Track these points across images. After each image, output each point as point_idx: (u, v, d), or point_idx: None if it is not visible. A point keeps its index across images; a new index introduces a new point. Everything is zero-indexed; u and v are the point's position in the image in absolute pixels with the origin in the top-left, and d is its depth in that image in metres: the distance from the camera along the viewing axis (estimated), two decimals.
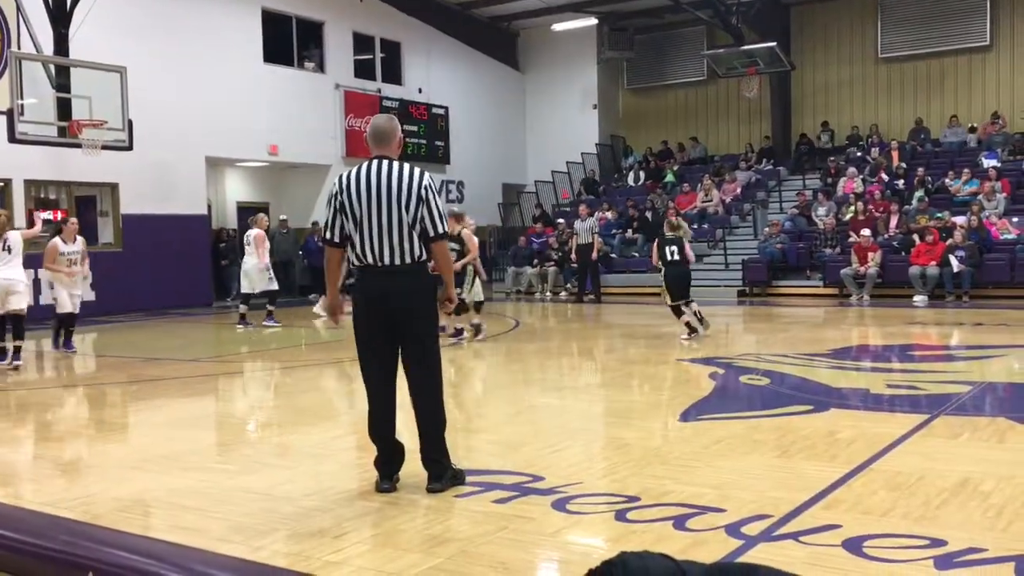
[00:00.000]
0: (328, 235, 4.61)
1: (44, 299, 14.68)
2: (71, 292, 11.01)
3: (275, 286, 14.02)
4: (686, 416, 6.42)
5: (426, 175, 4.60)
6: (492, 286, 19.94)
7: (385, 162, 4.57)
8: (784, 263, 18.25)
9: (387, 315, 4.53)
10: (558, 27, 24.89)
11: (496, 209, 24.75)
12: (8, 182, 15.47)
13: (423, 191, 4.52)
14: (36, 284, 14.27)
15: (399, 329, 4.55)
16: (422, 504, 4.39)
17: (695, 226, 20.62)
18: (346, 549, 3.75)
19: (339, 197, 4.54)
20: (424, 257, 4.58)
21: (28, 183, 15.93)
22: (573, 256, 18.55)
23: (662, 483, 4.62)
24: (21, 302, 9.81)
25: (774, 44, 21.09)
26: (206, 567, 3.24)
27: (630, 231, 20.70)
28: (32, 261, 11.41)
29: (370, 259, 4.52)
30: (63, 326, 11.15)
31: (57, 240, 10.96)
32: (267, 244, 13.84)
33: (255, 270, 13.69)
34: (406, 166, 4.59)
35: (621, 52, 24.40)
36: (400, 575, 3.44)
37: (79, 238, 11.17)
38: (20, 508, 4.37)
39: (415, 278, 4.56)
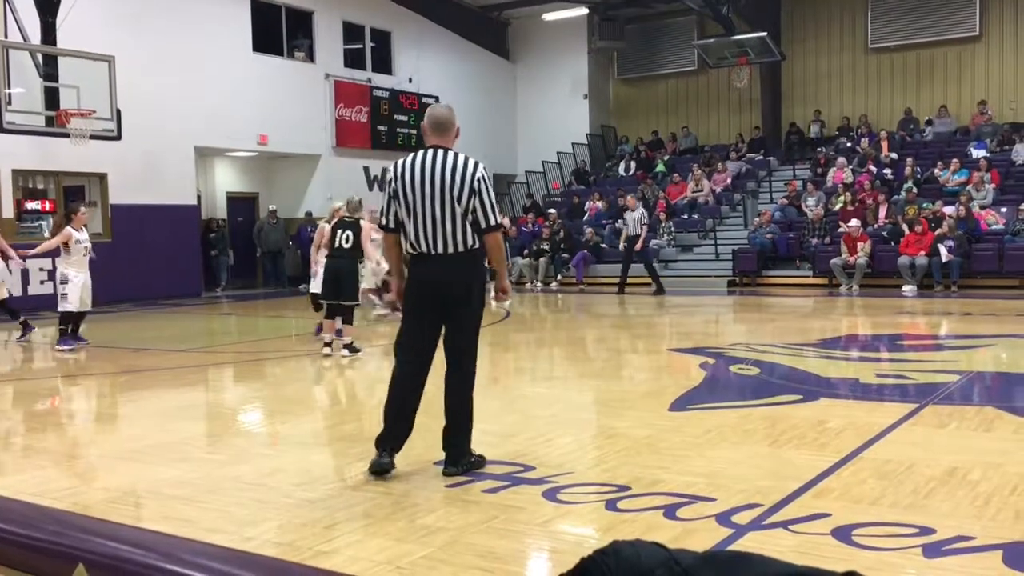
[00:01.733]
0: (383, 221, 4.74)
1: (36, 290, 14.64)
2: (85, 285, 10.53)
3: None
4: (676, 406, 6.44)
5: (480, 166, 4.64)
6: None
7: (440, 151, 4.63)
8: (774, 253, 18.29)
9: (435, 301, 4.64)
10: (549, 16, 24.83)
11: None
12: None
13: (476, 182, 4.56)
14: (25, 275, 14.26)
15: (444, 315, 4.65)
16: (413, 494, 4.39)
17: (685, 216, 20.69)
18: (337, 539, 3.75)
19: (393, 184, 4.65)
20: (475, 246, 4.64)
21: (16, 173, 15.84)
22: (621, 247, 17.92)
23: (653, 472, 4.64)
24: None
25: (764, 34, 21.10)
26: (196, 557, 3.23)
27: (620, 221, 20.68)
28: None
29: (423, 247, 4.60)
30: (72, 322, 10.67)
31: (70, 228, 10.57)
32: None
33: None
34: (461, 156, 4.64)
35: (612, 42, 24.36)
36: (391, 564, 3.44)
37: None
38: (8, 498, 4.35)
39: (465, 267, 4.63)
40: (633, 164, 24.00)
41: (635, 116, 25.93)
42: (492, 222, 4.62)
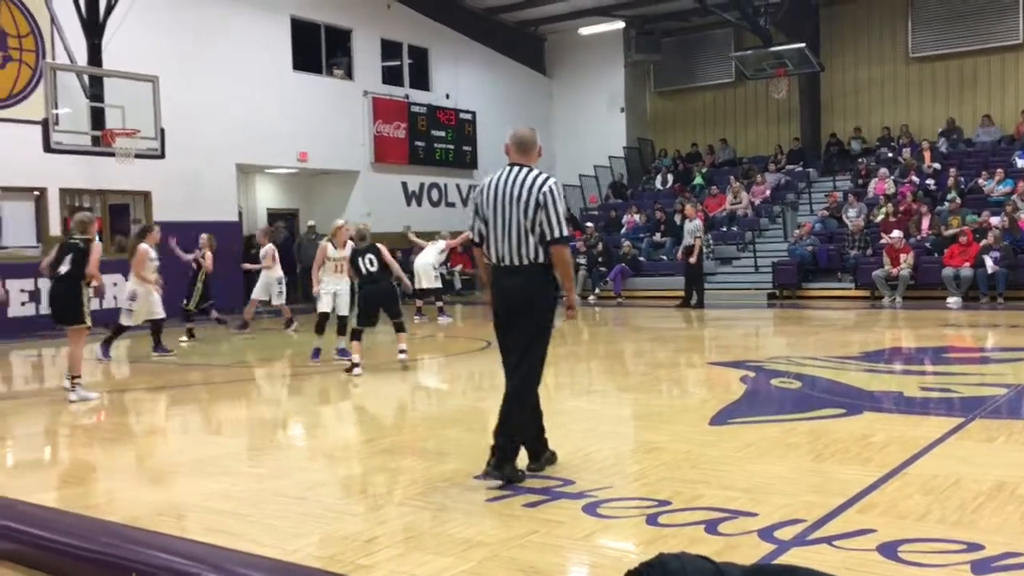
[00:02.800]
0: (470, 234, 5.06)
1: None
2: (156, 299, 11.22)
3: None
4: (717, 420, 6.39)
5: (549, 181, 4.82)
6: None
7: (517, 168, 4.88)
8: (814, 265, 18.09)
9: (505, 310, 4.87)
10: (585, 31, 24.88)
11: None
12: (44, 191, 15.72)
13: (542, 196, 4.74)
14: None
15: (512, 323, 4.85)
16: (452, 508, 4.39)
17: (724, 228, 20.56)
18: (377, 553, 3.76)
19: (476, 199, 4.98)
20: (542, 259, 4.79)
21: (63, 192, 16.17)
22: (679, 258, 17.57)
23: (693, 487, 4.60)
24: None
25: (803, 45, 20.94)
26: (248, 569, 3.26)
27: (658, 234, 20.64)
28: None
29: (494, 258, 4.90)
30: (156, 333, 11.29)
31: (145, 246, 11.14)
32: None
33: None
34: (534, 172, 4.86)
35: (648, 55, 24.34)
36: None
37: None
38: (61, 511, 4.43)
39: (529, 278, 4.80)
40: (670, 177, 23.91)
41: (672, 129, 25.85)
42: (557, 234, 4.74)
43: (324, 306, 10.22)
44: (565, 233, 4.78)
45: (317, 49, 20.61)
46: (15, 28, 15.35)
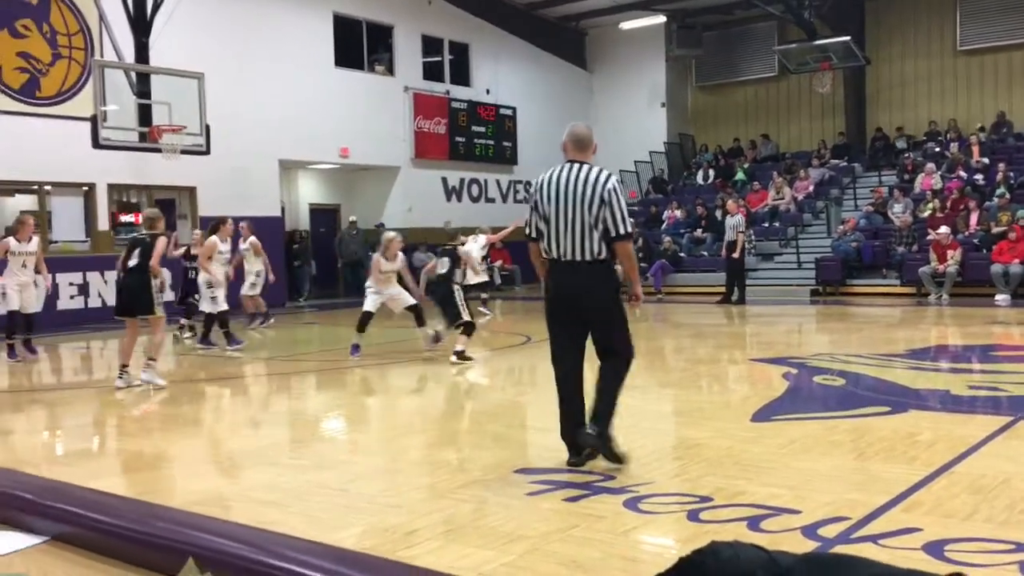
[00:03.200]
0: (527, 230, 5.04)
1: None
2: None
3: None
4: (759, 416, 6.33)
5: (612, 178, 4.91)
6: None
7: (577, 165, 4.93)
8: (859, 262, 17.83)
9: (569, 306, 4.92)
10: (626, 25, 24.75)
11: None
12: (92, 186, 16.01)
13: (607, 193, 4.82)
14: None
15: (584, 320, 4.92)
16: (493, 501, 4.41)
17: (766, 224, 20.36)
18: (418, 545, 3.78)
19: (535, 196, 4.97)
20: (605, 256, 4.87)
21: (111, 187, 16.46)
22: (721, 254, 17.51)
23: (735, 483, 4.57)
24: None
25: (848, 38, 20.64)
26: (303, 554, 3.30)
27: (699, 230, 20.50)
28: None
29: (555, 253, 4.90)
30: (216, 324, 11.51)
31: (216, 239, 11.50)
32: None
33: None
34: (595, 169, 4.93)
35: (690, 49, 24.16)
36: (472, 571, 3.46)
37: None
38: (119, 496, 4.50)
39: (593, 274, 4.86)
40: (712, 172, 23.73)
41: (714, 124, 25.64)
42: (622, 231, 4.83)
43: (370, 305, 10.32)
44: (629, 229, 4.87)
45: (359, 45, 20.74)
46: (65, 27, 15.65)
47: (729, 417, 6.47)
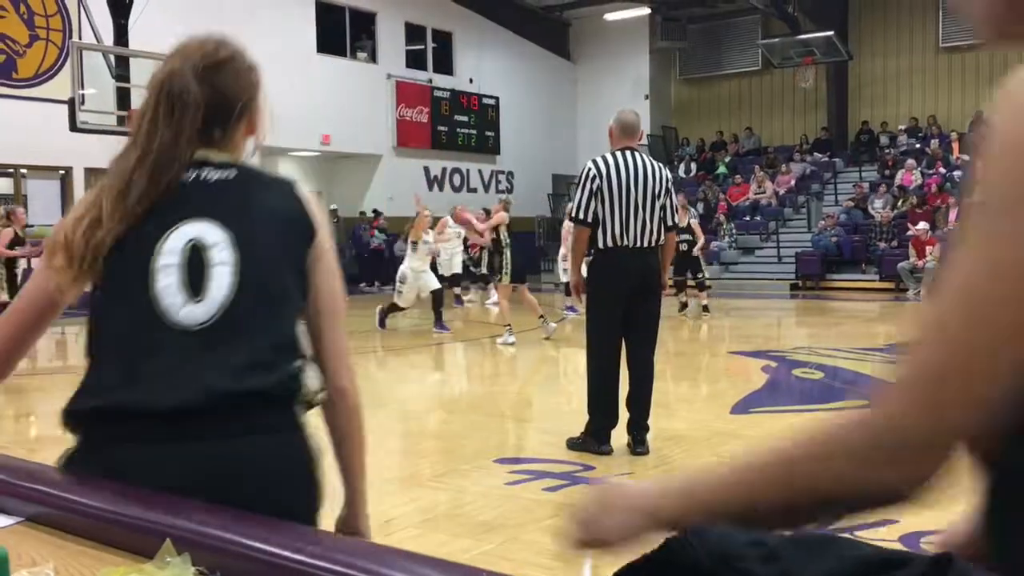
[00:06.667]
0: (581, 215, 5.02)
1: None
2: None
3: None
4: (738, 408, 6.35)
5: (667, 169, 5.19)
6: (541, 277, 19.92)
7: (636, 154, 5.11)
8: (839, 256, 17.94)
9: (631, 291, 4.98)
10: (610, 16, 24.70)
11: (546, 199, 24.68)
12: (69, 170, 15.84)
13: (669, 183, 5.11)
14: None
15: (635, 304, 4.99)
16: (472, 491, 4.39)
17: (747, 218, 20.43)
18: (396, 534, 3.76)
19: (596, 182, 4.96)
20: (660, 241, 5.09)
21: (88, 171, 16.25)
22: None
23: None
24: None
25: (831, 33, 20.72)
26: (276, 534, 3.25)
27: None
28: None
29: (616, 240, 4.95)
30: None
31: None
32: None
33: None
34: (650, 158, 5.13)
35: (674, 42, 24.15)
36: (450, 560, 3.43)
37: None
38: (94, 477, 4.43)
39: (655, 259, 5.08)
40: (694, 165, 23.76)
41: (697, 117, 25.66)
42: (675, 220, 5.20)
43: (411, 296, 10.94)
44: (677, 220, 5.21)
45: (342, 32, 20.59)
46: (43, 7, 15.44)
47: (708, 409, 6.48)
